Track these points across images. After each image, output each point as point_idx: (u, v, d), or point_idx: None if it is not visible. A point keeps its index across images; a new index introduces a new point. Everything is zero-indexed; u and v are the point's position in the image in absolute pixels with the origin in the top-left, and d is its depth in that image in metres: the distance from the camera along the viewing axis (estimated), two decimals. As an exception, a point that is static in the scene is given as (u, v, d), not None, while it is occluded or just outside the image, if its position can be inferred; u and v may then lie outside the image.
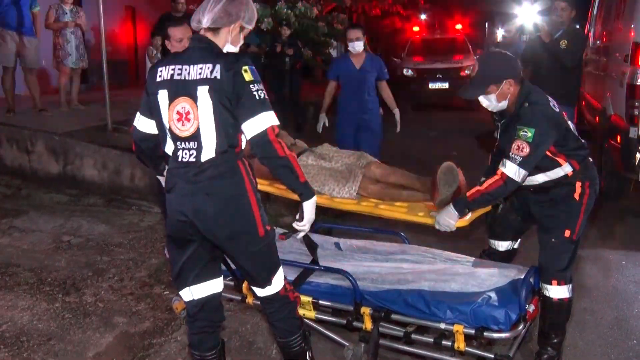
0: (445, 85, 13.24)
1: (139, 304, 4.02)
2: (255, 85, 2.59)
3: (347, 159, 3.90)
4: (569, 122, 3.24)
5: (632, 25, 5.53)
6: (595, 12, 7.94)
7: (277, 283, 2.83)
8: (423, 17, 25.81)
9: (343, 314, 3.37)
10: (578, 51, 5.99)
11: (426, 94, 13.43)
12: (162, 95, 2.65)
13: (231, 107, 2.57)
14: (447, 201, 3.26)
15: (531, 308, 3.12)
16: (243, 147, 2.70)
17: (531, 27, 6.37)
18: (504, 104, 3.18)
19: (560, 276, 3.19)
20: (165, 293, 4.15)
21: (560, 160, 3.14)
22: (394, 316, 3.20)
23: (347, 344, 3.35)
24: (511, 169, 3.02)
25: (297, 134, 5.61)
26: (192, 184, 2.63)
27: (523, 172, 3.03)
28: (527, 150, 2.99)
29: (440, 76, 13.30)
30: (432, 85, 13.41)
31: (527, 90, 3.14)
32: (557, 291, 3.20)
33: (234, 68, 2.56)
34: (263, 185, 3.45)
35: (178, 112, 2.62)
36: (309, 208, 2.74)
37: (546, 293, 3.22)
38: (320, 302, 3.39)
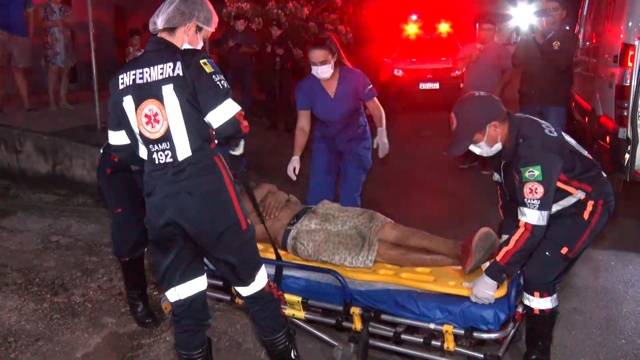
0: (436, 85, 13.25)
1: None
2: (217, 75, 2.62)
3: (355, 220, 3.60)
4: (571, 142, 3.09)
5: (622, 27, 5.55)
6: (585, 13, 7.98)
7: (261, 280, 2.85)
8: (414, 18, 25.85)
9: (333, 314, 3.36)
10: (570, 52, 6.09)
11: (417, 94, 13.44)
12: (128, 102, 2.68)
13: (196, 102, 2.60)
14: (479, 267, 3.17)
15: (520, 308, 3.12)
16: (216, 144, 2.72)
17: (526, 27, 6.48)
18: (497, 147, 3.03)
19: (544, 288, 3.05)
20: (154, 293, 4.12)
21: (571, 189, 2.99)
22: (383, 316, 3.19)
23: (336, 344, 3.34)
24: (533, 217, 2.85)
25: (287, 134, 5.47)
26: (172, 184, 2.64)
27: (545, 213, 2.86)
28: (541, 190, 2.80)
29: (431, 77, 13.32)
30: (423, 86, 13.42)
31: (516, 125, 2.97)
32: (538, 303, 3.07)
33: (193, 62, 2.59)
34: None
35: (146, 115, 2.64)
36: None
37: (527, 302, 3.10)
38: (310, 302, 3.38)
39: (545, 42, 5.99)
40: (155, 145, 2.66)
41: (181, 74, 2.58)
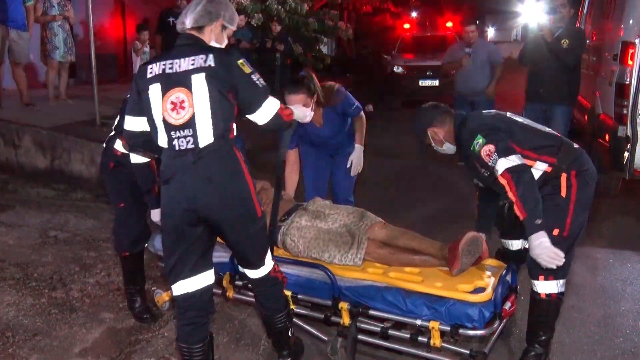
0: (436, 82, 13.23)
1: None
2: (255, 75, 2.78)
3: (346, 218, 3.62)
4: (523, 120, 3.24)
5: (622, 25, 5.55)
6: (585, 11, 7.98)
7: (269, 263, 2.98)
8: (414, 14, 25.83)
9: (322, 308, 3.40)
10: (579, 50, 5.98)
11: (416, 91, 13.43)
12: (154, 89, 2.73)
13: (227, 95, 2.70)
14: (466, 270, 3.24)
15: (507, 305, 3.13)
16: (235, 135, 2.78)
17: (534, 25, 6.37)
18: (448, 146, 3.32)
19: (548, 271, 3.03)
20: (152, 289, 4.12)
21: (529, 161, 3.00)
22: (371, 312, 3.22)
23: (326, 339, 3.38)
24: (502, 164, 2.89)
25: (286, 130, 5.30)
26: (192, 170, 2.69)
27: (511, 156, 2.90)
28: (492, 147, 2.95)
29: (431, 73, 13.30)
30: (423, 83, 13.41)
31: (459, 121, 3.24)
32: (544, 286, 3.10)
33: (228, 61, 2.72)
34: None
35: (172, 102, 2.70)
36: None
37: (534, 289, 3.14)
38: (300, 296, 3.42)
39: (553, 40, 5.91)
40: (177, 132, 2.70)
41: (213, 65, 2.68)
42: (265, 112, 2.80)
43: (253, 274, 2.97)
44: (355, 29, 16.42)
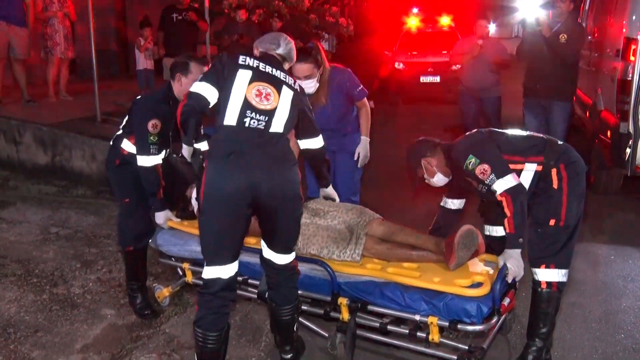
0: (437, 79, 13.20)
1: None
2: (311, 109, 3.23)
3: (345, 215, 3.61)
4: (506, 131, 3.32)
5: (624, 21, 5.53)
6: (587, 7, 7.96)
7: (295, 251, 3.13)
8: (415, 11, 25.79)
9: (321, 304, 3.42)
10: (578, 46, 5.88)
11: (417, 87, 13.40)
12: (243, 75, 2.92)
13: (299, 111, 3.08)
14: (463, 264, 3.25)
15: (506, 301, 3.13)
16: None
17: (532, 20, 6.23)
18: (440, 177, 3.41)
19: (549, 260, 3.13)
20: (154, 285, 4.12)
21: (519, 165, 3.14)
22: (370, 307, 3.24)
23: (325, 334, 3.41)
24: (500, 185, 3.04)
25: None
26: (258, 147, 2.83)
27: (508, 176, 3.04)
28: (487, 166, 3.06)
29: (432, 70, 13.28)
30: (424, 79, 13.38)
31: (447, 149, 3.33)
32: (545, 274, 3.14)
33: (302, 93, 3.18)
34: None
35: (258, 90, 2.91)
36: None
37: (535, 278, 3.18)
38: (299, 291, 3.41)
39: (551, 34, 5.80)
40: (254, 114, 2.86)
41: (299, 90, 3.09)
42: (318, 141, 3.30)
43: (283, 259, 3.06)
44: (356, 26, 16.38)
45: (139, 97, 3.81)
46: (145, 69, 8.59)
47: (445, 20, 16.41)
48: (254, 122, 2.85)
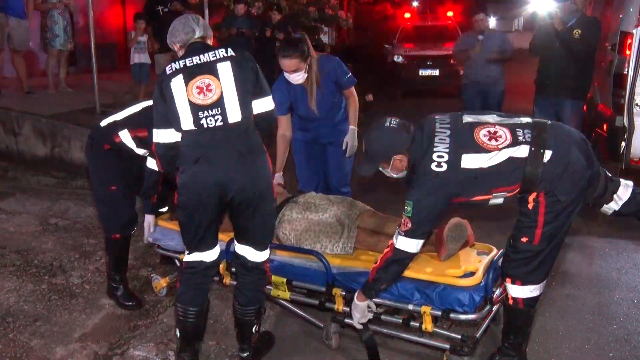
0: (436, 72, 13.21)
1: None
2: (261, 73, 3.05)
3: (336, 208, 3.63)
4: (479, 163, 2.77)
5: (621, 15, 5.54)
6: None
7: (267, 250, 3.10)
8: (415, 3, 25.74)
9: (317, 294, 3.46)
10: (592, 42, 5.68)
11: (416, 80, 13.41)
12: (177, 81, 2.89)
13: (249, 80, 2.94)
14: (453, 255, 3.30)
15: (499, 291, 3.17)
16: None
17: (544, 14, 6.04)
18: (403, 174, 3.03)
19: (515, 276, 2.95)
20: (151, 276, 4.15)
21: (484, 197, 2.84)
22: None
23: (321, 325, 3.46)
24: (398, 240, 2.90)
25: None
26: (223, 146, 2.83)
27: (412, 241, 2.87)
28: (409, 225, 2.85)
29: (431, 63, 13.28)
30: (423, 72, 13.38)
31: (414, 155, 2.90)
32: (511, 289, 2.98)
33: (245, 56, 3.00)
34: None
35: (198, 87, 2.87)
36: None
37: (506, 290, 3.03)
38: (294, 282, 3.49)
39: (565, 29, 5.61)
40: (206, 112, 2.85)
41: (234, 55, 2.95)
42: (268, 102, 3.02)
43: (256, 256, 3.09)
44: (356, 19, 16.36)
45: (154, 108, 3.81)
46: (138, 63, 8.17)
47: (445, 13, 16.38)
48: (210, 121, 2.84)
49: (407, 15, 18.06)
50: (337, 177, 4.47)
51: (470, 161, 2.78)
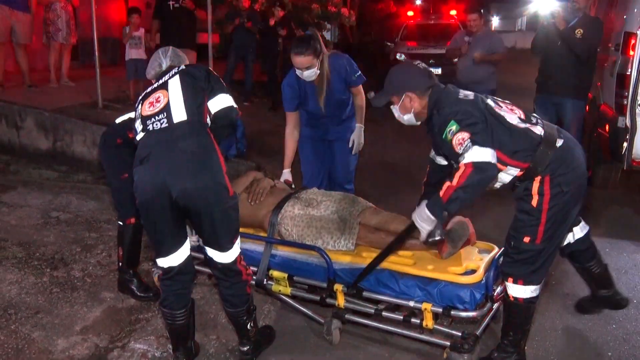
0: (438, 70, 13.18)
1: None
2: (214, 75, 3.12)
3: (337, 205, 3.62)
4: (498, 108, 2.91)
5: (624, 15, 5.54)
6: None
7: (236, 249, 3.04)
8: (418, 2, 25.74)
9: (317, 290, 3.48)
10: (594, 42, 5.67)
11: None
12: (138, 108, 3.06)
13: (197, 83, 3.01)
14: (455, 253, 3.28)
15: (499, 289, 3.18)
16: (207, 121, 3.01)
17: (546, 13, 5.99)
18: (409, 117, 3.04)
19: (517, 275, 2.98)
20: (153, 269, 4.16)
21: (500, 165, 2.80)
22: (365, 293, 3.29)
23: (322, 321, 3.47)
24: (471, 155, 2.67)
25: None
26: (166, 145, 2.84)
27: (485, 149, 2.68)
28: (466, 134, 2.69)
29: (433, 61, 13.27)
30: (425, 71, 13.40)
31: (434, 99, 2.94)
32: (511, 289, 3.02)
33: (197, 67, 3.16)
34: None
35: (149, 102, 3.00)
36: None
37: (506, 289, 3.07)
38: (296, 278, 3.50)
39: (567, 28, 5.61)
40: (152, 119, 2.94)
41: (184, 69, 3.09)
42: (224, 99, 3.06)
43: (221, 257, 3.00)
44: (358, 16, 16.36)
45: None
46: (133, 59, 7.95)
47: (448, 12, 16.37)
48: (156, 124, 2.91)
49: (410, 13, 18.06)
50: (343, 173, 4.48)
51: (493, 102, 2.95)
